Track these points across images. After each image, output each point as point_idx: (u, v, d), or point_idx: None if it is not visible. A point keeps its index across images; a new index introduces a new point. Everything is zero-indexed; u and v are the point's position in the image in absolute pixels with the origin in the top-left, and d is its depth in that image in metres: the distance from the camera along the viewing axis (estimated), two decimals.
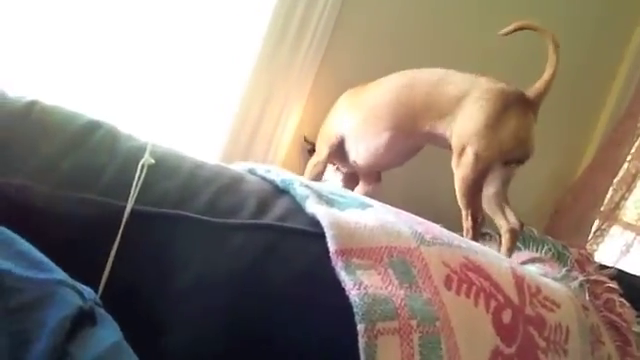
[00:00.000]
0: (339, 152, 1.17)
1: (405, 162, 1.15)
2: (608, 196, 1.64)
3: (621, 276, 1.03)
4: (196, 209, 0.66)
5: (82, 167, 0.64)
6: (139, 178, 0.64)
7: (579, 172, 1.67)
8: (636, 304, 0.97)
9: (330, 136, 1.17)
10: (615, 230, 1.68)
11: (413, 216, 0.77)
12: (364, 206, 0.74)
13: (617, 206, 1.66)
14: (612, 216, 1.64)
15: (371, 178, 1.24)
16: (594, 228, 1.65)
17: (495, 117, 0.95)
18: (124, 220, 0.61)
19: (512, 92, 0.98)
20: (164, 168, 0.68)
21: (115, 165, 0.64)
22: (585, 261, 0.97)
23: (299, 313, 0.61)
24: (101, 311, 0.48)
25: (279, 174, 0.78)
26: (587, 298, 0.86)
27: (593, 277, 0.92)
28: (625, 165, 1.67)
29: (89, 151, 0.66)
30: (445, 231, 0.75)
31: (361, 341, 0.58)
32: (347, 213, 0.70)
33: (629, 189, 1.66)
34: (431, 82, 1.02)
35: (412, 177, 1.31)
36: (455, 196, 0.97)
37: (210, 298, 0.61)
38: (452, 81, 1.00)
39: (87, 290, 0.48)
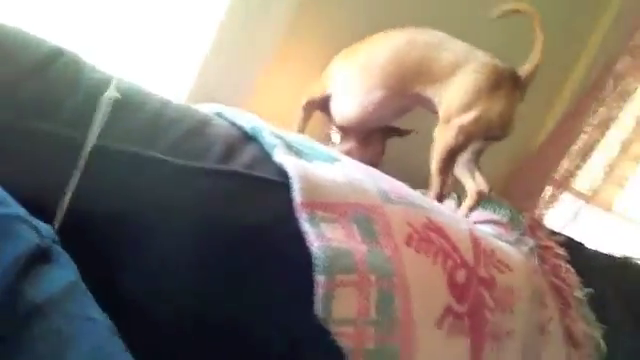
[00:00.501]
0: (321, 109, 1.15)
1: (391, 122, 1.15)
2: (563, 165, 1.69)
3: (569, 243, 1.07)
4: (161, 149, 0.64)
5: (42, 96, 0.61)
6: (102, 112, 0.62)
7: (538, 142, 1.71)
8: (579, 270, 1.01)
9: (315, 90, 1.14)
10: (566, 197, 1.73)
11: (380, 173, 0.77)
12: (332, 160, 0.74)
13: (570, 174, 1.71)
14: (564, 184, 1.69)
15: (354, 137, 1.21)
16: (546, 195, 1.70)
17: (486, 93, 0.95)
18: (85, 154, 0.59)
19: (506, 70, 0.98)
20: (129, 104, 0.65)
21: (77, 97, 0.62)
22: (537, 227, 1.00)
23: (261, 262, 0.61)
24: (58, 249, 0.47)
25: (249, 120, 0.77)
26: (536, 262, 0.89)
27: (543, 243, 0.96)
28: (583, 136, 1.70)
29: (50, 80, 0.63)
30: (410, 190, 0.76)
31: (319, 292, 0.59)
32: (315, 165, 0.70)
33: (583, 159, 1.71)
34: (429, 45, 1.01)
35: None
36: (424, 157, 0.98)
37: (173, 237, 0.60)
38: (450, 48, 0.99)
39: (44, 227, 0.47)
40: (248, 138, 0.74)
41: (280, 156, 0.69)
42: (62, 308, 0.43)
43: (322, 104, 1.13)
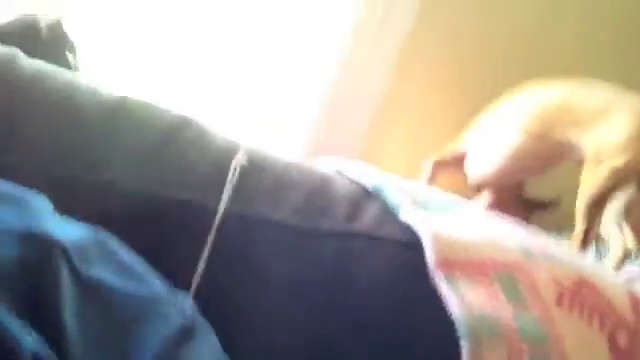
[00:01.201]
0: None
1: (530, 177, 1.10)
2: None
3: None
4: (288, 212, 0.63)
5: (173, 165, 0.62)
6: (232, 178, 0.62)
7: None
8: None
9: (450, 147, 1.13)
10: None
11: (516, 225, 0.71)
12: (460, 210, 0.69)
13: None
14: None
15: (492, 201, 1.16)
16: None
17: (638, 134, 0.90)
18: (216, 222, 0.59)
19: None
20: (253, 168, 0.66)
21: (206, 164, 0.62)
22: None
23: (395, 330, 0.58)
24: (200, 322, 0.46)
25: (370, 176, 0.74)
26: None
27: None
28: None
29: (180, 149, 0.64)
30: (552, 243, 0.70)
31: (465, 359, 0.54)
32: (446, 219, 0.66)
33: None
34: (575, 87, 0.98)
35: None
36: None
37: (303, 304, 0.58)
38: (597, 90, 0.95)
39: (186, 303, 0.46)
40: (370, 195, 0.71)
41: (407, 214, 0.66)
42: None
43: (454, 163, 1.11)
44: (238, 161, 0.62)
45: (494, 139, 1.06)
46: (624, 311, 0.64)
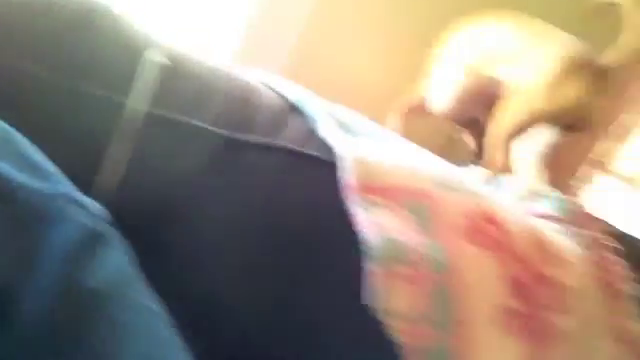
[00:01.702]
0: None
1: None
2: (601, 145, 1.63)
3: (617, 234, 1.02)
4: (208, 119, 0.60)
5: (85, 55, 0.57)
6: (152, 78, 0.57)
7: None
8: (630, 264, 0.97)
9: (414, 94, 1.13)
10: (601, 178, 1.68)
11: (432, 155, 0.72)
12: (382, 138, 0.69)
13: (607, 155, 1.65)
14: (599, 165, 1.64)
15: None
16: (581, 174, 1.65)
17: (563, 78, 0.91)
18: (134, 120, 0.55)
19: (587, 57, 0.92)
20: (175, 68, 0.61)
21: (126, 61, 0.58)
22: (588, 218, 0.95)
23: (309, 244, 0.58)
24: (110, 230, 0.43)
25: (295, 91, 0.72)
26: (591, 257, 0.85)
27: (598, 236, 0.91)
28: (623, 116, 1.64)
29: (90, 37, 0.58)
30: (465, 174, 0.72)
31: (373, 283, 0.55)
32: (364, 143, 0.66)
33: (620, 141, 1.65)
34: (506, 26, 0.97)
35: None
36: None
37: (221, 214, 0.57)
38: (528, 28, 0.95)
39: (94, 205, 0.43)
40: (294, 110, 0.69)
41: (327, 132, 0.65)
42: (119, 296, 0.39)
43: (420, 109, 1.12)
44: (157, 60, 0.58)
45: (442, 77, 1.07)
46: (526, 249, 0.67)
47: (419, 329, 0.56)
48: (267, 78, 0.74)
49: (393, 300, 0.55)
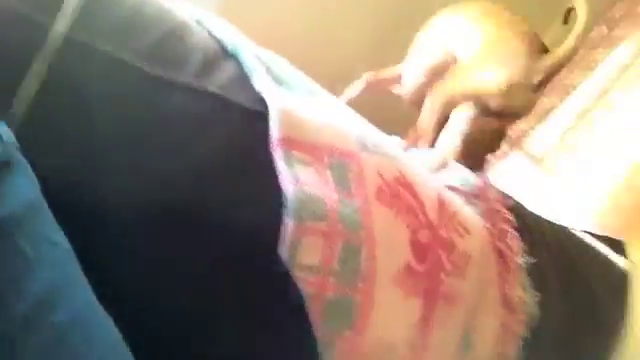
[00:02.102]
0: None
1: None
2: (519, 124, 1.70)
3: (516, 207, 1.09)
4: (134, 52, 0.58)
5: None
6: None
7: None
8: (523, 236, 1.04)
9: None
10: (515, 156, 1.76)
11: (358, 116, 0.74)
12: (313, 94, 0.70)
13: (523, 134, 1.73)
14: (517, 142, 1.71)
15: None
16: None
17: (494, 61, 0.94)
18: (53, 44, 0.53)
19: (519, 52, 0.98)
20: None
21: None
22: (489, 190, 1.00)
23: (228, 195, 0.58)
24: (18, 156, 0.42)
25: (229, 34, 0.70)
26: (487, 226, 0.91)
27: (494, 207, 0.96)
28: (543, 98, 1.71)
29: None
30: (387, 139, 0.74)
31: (285, 237, 0.57)
32: (296, 99, 0.66)
33: (538, 122, 1.73)
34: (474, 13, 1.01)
35: None
36: None
37: (134, 153, 0.56)
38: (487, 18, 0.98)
39: (4, 131, 0.41)
40: (227, 54, 0.68)
41: (260, 82, 0.64)
42: (25, 227, 0.38)
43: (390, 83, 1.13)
44: None
45: (415, 60, 1.09)
46: (431, 212, 0.71)
47: (325, 282, 0.58)
48: (201, 16, 0.72)
49: (304, 253, 0.57)
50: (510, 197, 1.16)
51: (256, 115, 0.62)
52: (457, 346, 0.77)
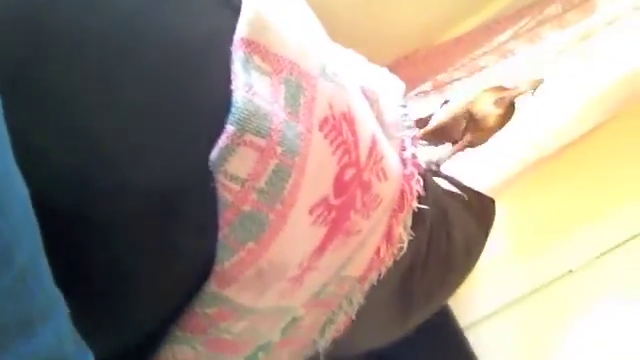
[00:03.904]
0: None
1: None
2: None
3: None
4: None
5: None
6: None
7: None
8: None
9: None
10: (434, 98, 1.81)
11: (328, 40, 0.72)
12: (291, 2, 0.66)
13: (448, 82, 1.77)
14: (441, 88, 1.76)
15: None
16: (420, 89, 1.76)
17: None
18: None
19: None
20: None
21: None
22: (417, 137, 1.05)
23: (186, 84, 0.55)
24: None
25: None
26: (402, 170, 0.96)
27: (414, 152, 1.01)
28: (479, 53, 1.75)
29: None
30: (347, 70, 0.72)
31: (222, 140, 0.55)
32: (275, 3, 0.62)
33: (468, 75, 1.77)
34: None
35: None
36: None
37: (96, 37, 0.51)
38: None
39: None
40: None
41: None
42: None
43: None
44: None
45: None
46: (362, 152, 0.72)
47: (247, 195, 0.58)
48: None
49: (235, 163, 0.57)
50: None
51: (229, 5, 0.58)
52: (336, 268, 0.82)
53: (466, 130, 1.24)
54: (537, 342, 1.78)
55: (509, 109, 1.25)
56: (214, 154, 0.56)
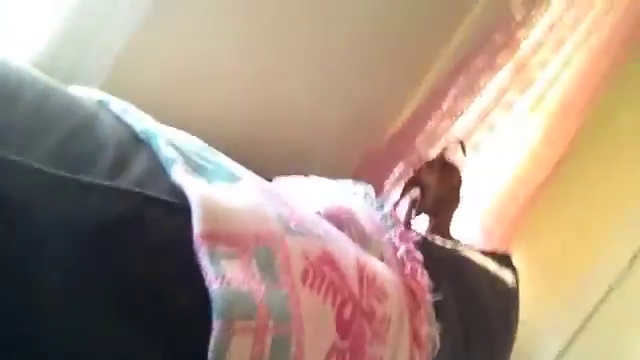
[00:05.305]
0: None
1: None
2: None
3: (421, 241, 1.15)
4: (39, 156, 0.55)
5: None
6: None
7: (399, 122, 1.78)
8: (428, 268, 1.10)
9: None
10: None
11: (281, 194, 0.74)
12: (233, 179, 0.69)
13: (401, 177, 1.81)
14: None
15: None
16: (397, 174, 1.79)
17: None
18: None
19: None
20: (7, 95, 0.55)
21: None
22: (405, 230, 1.05)
23: (153, 292, 0.56)
24: None
25: (139, 119, 0.68)
26: (403, 270, 0.96)
27: (411, 248, 1.01)
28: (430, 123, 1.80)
29: None
30: (310, 215, 0.74)
31: (214, 338, 0.56)
32: (216, 187, 0.65)
33: (432, 145, 1.81)
34: None
35: None
36: None
37: (47, 265, 0.53)
38: None
39: None
40: (139, 141, 0.66)
41: (179, 175, 0.63)
42: None
43: None
44: None
45: None
46: (352, 284, 0.72)
47: None
48: (104, 97, 0.70)
49: (233, 354, 0.56)
50: (414, 231, 1.23)
51: (178, 209, 0.61)
52: None
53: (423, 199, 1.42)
54: None
55: (444, 172, 1.46)
56: (211, 353, 0.56)
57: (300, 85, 1.40)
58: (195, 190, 0.62)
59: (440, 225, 1.55)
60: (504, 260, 1.57)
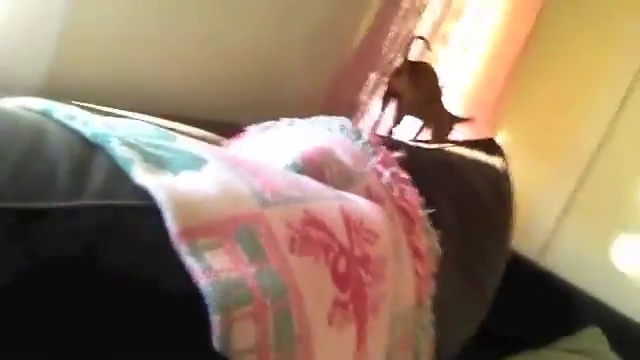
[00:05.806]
0: None
1: None
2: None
3: (404, 150, 1.14)
4: None
5: None
6: None
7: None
8: (415, 179, 1.10)
9: None
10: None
11: (250, 165, 0.72)
12: (198, 164, 0.67)
13: (376, 87, 1.76)
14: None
15: None
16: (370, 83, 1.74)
17: None
18: None
19: None
20: None
21: None
22: (386, 154, 1.04)
23: (142, 301, 0.57)
24: None
25: (86, 121, 0.65)
26: (392, 191, 0.97)
27: (396, 171, 1.01)
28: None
29: None
30: (285, 177, 0.73)
31: (216, 332, 0.56)
32: (182, 179, 0.63)
33: (399, 49, 1.76)
34: None
35: None
36: None
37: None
38: None
39: None
40: (92, 146, 0.64)
41: (141, 176, 0.61)
42: None
43: None
44: None
45: None
46: (341, 236, 0.72)
47: (266, 358, 0.59)
48: (53, 110, 0.66)
49: (238, 339, 0.57)
50: (398, 141, 1.22)
51: (147, 211, 0.59)
52: (388, 327, 0.83)
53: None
54: None
55: (414, 73, 1.53)
56: (217, 344, 0.57)
57: (254, 22, 1.34)
58: (161, 190, 0.60)
59: (437, 119, 1.65)
60: (490, 145, 1.58)
